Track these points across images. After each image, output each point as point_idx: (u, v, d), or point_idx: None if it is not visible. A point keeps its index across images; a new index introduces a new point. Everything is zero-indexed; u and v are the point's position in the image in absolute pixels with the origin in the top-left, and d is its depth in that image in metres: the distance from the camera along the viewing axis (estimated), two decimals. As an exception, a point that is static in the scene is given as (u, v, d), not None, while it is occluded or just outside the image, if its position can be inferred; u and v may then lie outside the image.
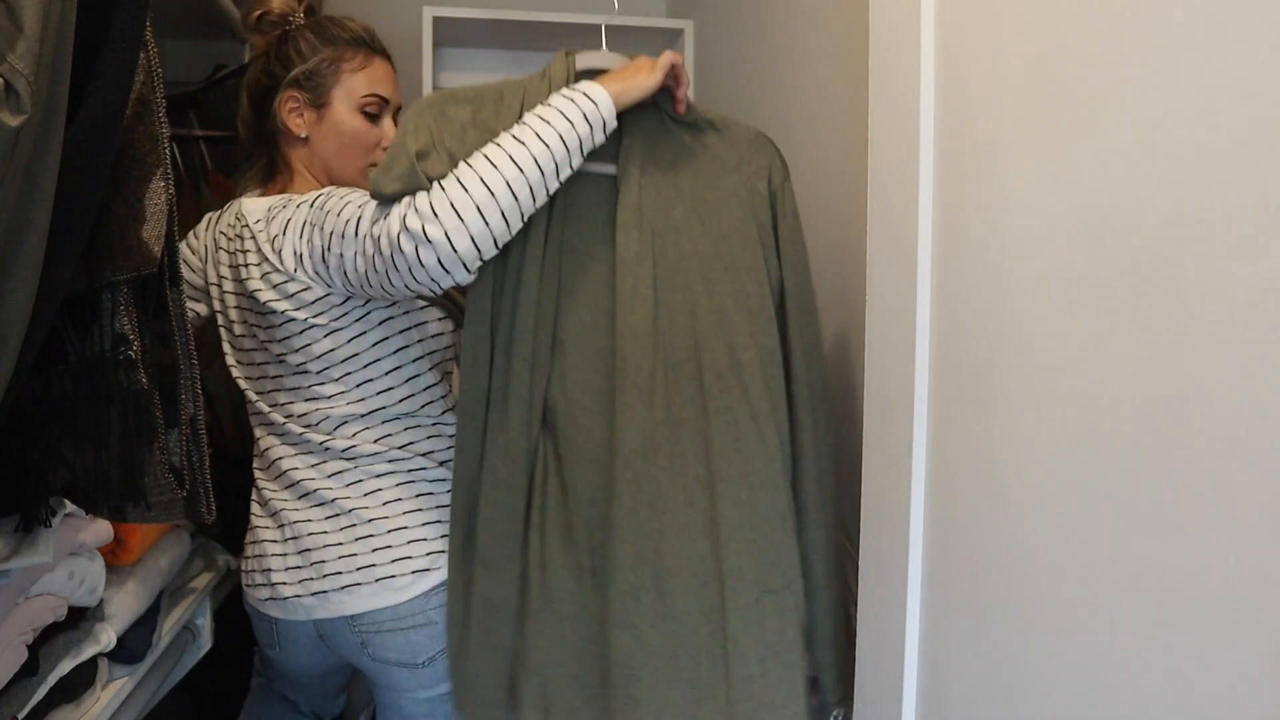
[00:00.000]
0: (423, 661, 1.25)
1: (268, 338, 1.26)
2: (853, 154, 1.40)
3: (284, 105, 1.29)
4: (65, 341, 0.86)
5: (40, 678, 1.07)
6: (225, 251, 1.31)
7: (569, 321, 1.12)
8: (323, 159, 1.33)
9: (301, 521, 1.26)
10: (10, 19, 0.64)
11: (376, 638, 1.24)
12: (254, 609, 1.33)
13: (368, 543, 1.24)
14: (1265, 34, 0.53)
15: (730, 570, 1.10)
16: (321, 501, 1.26)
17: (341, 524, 1.25)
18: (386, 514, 1.25)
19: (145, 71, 0.83)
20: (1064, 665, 0.71)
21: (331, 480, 1.26)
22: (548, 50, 2.55)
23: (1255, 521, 0.55)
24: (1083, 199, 0.68)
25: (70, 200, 0.73)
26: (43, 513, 0.97)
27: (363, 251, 1.08)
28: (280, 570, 1.27)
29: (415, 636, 1.24)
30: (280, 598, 1.27)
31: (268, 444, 1.32)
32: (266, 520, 1.31)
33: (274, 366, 1.29)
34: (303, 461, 1.28)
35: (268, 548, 1.29)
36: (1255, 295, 0.54)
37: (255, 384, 1.32)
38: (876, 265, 0.96)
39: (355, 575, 1.23)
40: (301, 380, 1.27)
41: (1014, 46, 0.76)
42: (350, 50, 1.31)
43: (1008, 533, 0.78)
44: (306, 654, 1.33)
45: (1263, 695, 0.54)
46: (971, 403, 0.83)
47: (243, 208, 1.28)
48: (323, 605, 1.25)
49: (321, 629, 1.28)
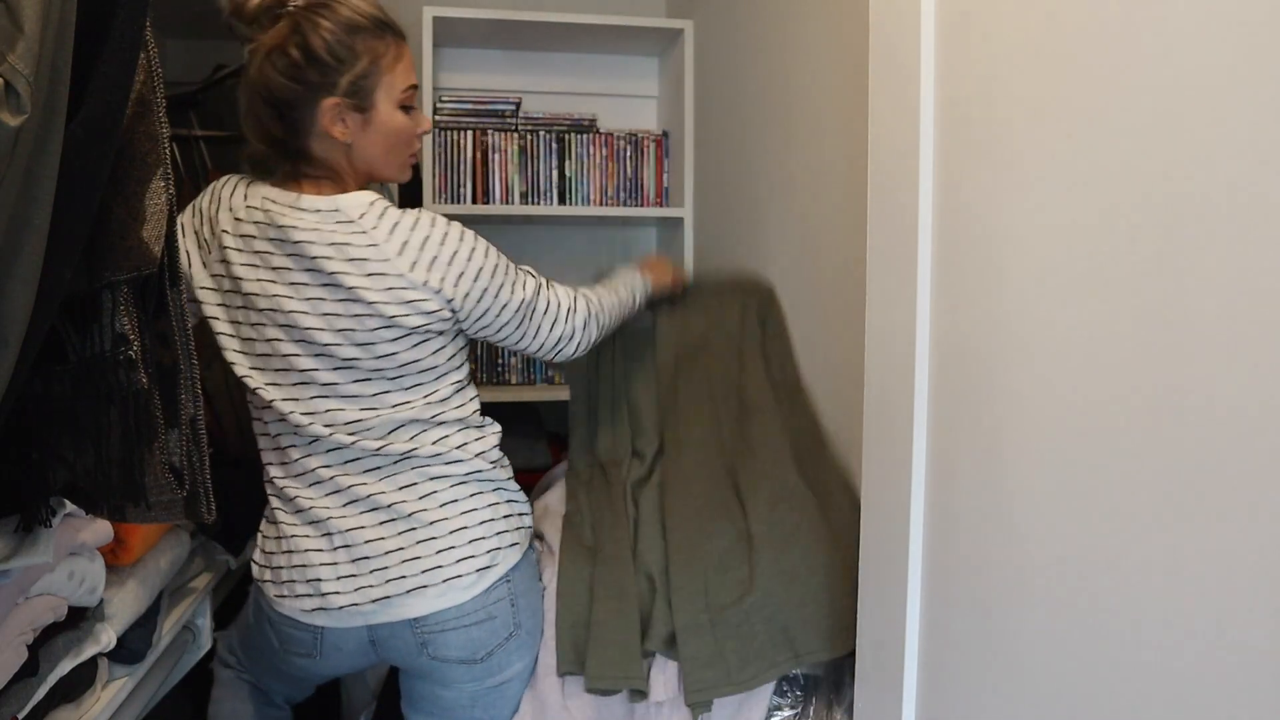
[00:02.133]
0: (481, 656, 1.28)
1: (345, 339, 1.22)
2: (852, 153, 1.40)
3: (325, 115, 1.21)
4: (65, 341, 0.86)
5: (40, 678, 1.07)
6: (263, 240, 1.23)
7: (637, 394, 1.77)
8: (367, 161, 1.27)
9: (354, 529, 1.26)
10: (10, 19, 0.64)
11: (439, 637, 1.26)
12: (290, 618, 1.30)
13: (430, 545, 1.25)
14: (1269, 27, 0.53)
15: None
16: (375, 507, 1.26)
17: (399, 529, 1.25)
18: (445, 515, 1.27)
19: (145, 71, 0.83)
20: (1063, 663, 0.71)
21: (384, 484, 1.26)
22: (548, 50, 2.55)
23: (1254, 520, 0.55)
24: (1082, 197, 0.68)
25: (70, 200, 0.73)
26: (43, 513, 0.97)
27: (562, 331, 1.40)
28: (331, 580, 1.26)
29: (476, 633, 1.27)
30: (333, 607, 1.26)
31: (300, 453, 1.28)
32: (305, 530, 1.28)
33: (328, 373, 1.24)
34: (353, 468, 1.27)
35: (313, 558, 1.27)
36: (1255, 294, 0.54)
37: (287, 390, 1.26)
38: (876, 264, 0.96)
39: (421, 578, 1.24)
40: (365, 387, 1.25)
41: (1014, 46, 0.76)
42: (379, 40, 1.22)
43: (1007, 531, 0.78)
44: (348, 659, 1.33)
45: (1261, 690, 0.54)
46: (971, 401, 0.83)
47: (338, 204, 1.22)
48: (384, 610, 1.25)
49: (376, 634, 1.28)
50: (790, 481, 1.43)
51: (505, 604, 1.29)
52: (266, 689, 1.49)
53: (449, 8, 2.25)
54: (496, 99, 2.46)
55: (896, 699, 0.92)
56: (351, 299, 1.21)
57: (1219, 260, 0.57)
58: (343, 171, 1.27)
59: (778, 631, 1.26)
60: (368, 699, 1.68)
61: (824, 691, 1.26)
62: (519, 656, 1.31)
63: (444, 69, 2.53)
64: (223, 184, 1.31)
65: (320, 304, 1.22)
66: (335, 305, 1.22)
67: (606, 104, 2.61)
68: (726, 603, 1.30)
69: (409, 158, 1.32)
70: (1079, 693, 0.69)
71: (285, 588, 1.29)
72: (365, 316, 1.21)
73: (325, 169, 1.26)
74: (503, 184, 2.45)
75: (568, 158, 2.48)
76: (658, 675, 1.30)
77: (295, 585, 1.28)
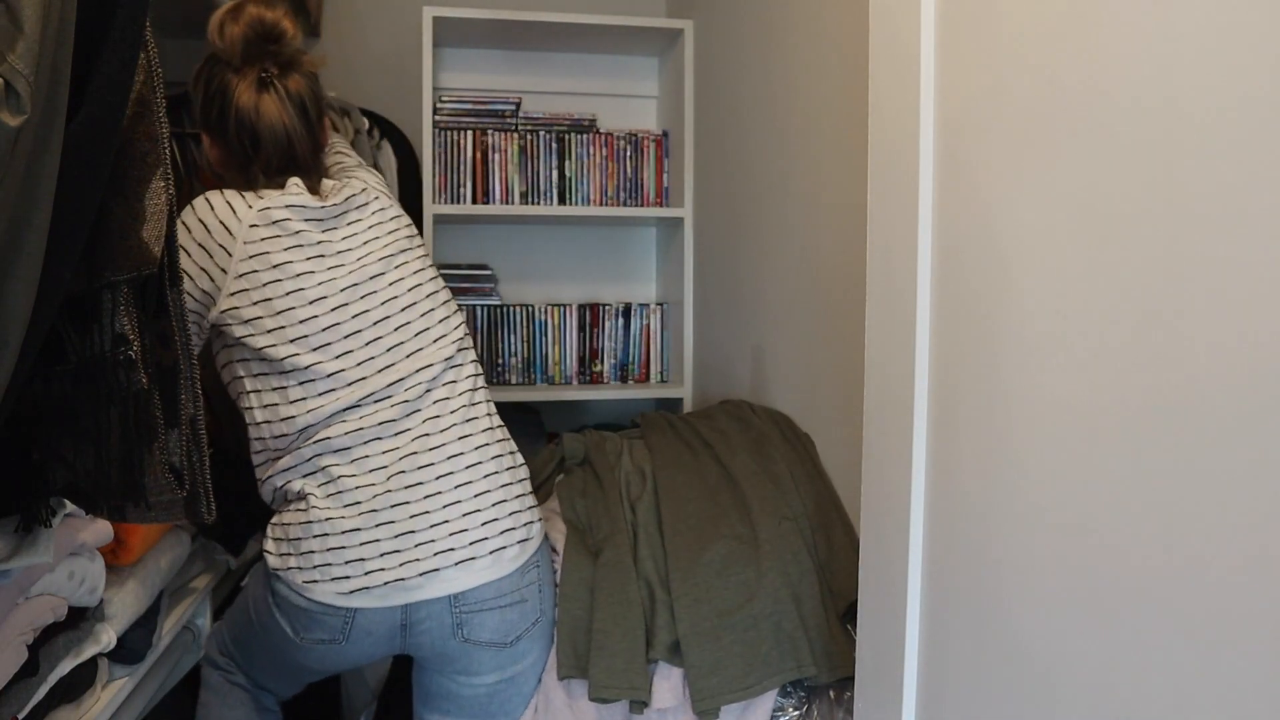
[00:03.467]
0: (511, 640, 1.30)
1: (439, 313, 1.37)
2: (852, 153, 1.40)
3: (325, 128, 1.45)
4: (65, 341, 0.86)
5: (40, 678, 1.07)
6: (315, 225, 1.35)
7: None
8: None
9: (400, 505, 1.27)
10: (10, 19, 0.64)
11: (475, 617, 1.28)
12: (321, 603, 1.28)
13: (476, 518, 1.28)
14: (1267, 42, 0.53)
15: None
16: (420, 481, 1.28)
17: (444, 501, 1.28)
18: (488, 487, 1.30)
19: (145, 71, 0.83)
20: (1063, 666, 0.71)
21: (432, 454, 1.29)
22: (548, 50, 2.56)
23: (1256, 524, 0.55)
24: (1082, 202, 0.68)
25: (70, 200, 0.73)
26: (43, 513, 0.97)
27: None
28: (374, 558, 1.26)
29: (510, 615, 1.30)
30: (376, 585, 1.25)
31: (343, 427, 1.29)
32: (340, 511, 1.27)
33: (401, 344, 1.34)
34: (400, 441, 1.29)
35: (351, 538, 1.26)
36: (1254, 299, 0.54)
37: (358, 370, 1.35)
38: (876, 265, 0.96)
39: (469, 549, 1.27)
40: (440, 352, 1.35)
41: (1015, 45, 0.76)
42: None
43: (1007, 533, 0.78)
44: (373, 645, 1.31)
45: (1262, 696, 0.54)
46: (971, 404, 0.83)
47: (369, 181, 1.46)
48: (431, 584, 1.26)
49: (410, 615, 1.28)
50: (794, 505, 1.45)
51: (535, 588, 1.33)
52: (256, 690, 1.47)
53: (449, 8, 2.25)
54: (496, 99, 2.46)
55: (897, 699, 0.92)
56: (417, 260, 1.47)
57: (1218, 264, 0.57)
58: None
59: (784, 639, 1.27)
60: (368, 699, 1.68)
61: (827, 692, 1.27)
62: (538, 644, 1.34)
63: (444, 69, 2.53)
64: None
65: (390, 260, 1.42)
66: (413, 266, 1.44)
67: (606, 104, 2.61)
68: (732, 606, 1.31)
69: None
70: (1080, 699, 0.69)
71: (318, 572, 1.27)
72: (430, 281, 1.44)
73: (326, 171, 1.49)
74: (503, 184, 2.45)
75: (568, 158, 2.48)
76: (661, 682, 1.30)
77: (330, 569, 1.26)
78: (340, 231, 1.36)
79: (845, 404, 1.43)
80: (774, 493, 1.46)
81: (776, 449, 1.55)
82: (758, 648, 1.27)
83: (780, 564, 1.34)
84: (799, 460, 1.53)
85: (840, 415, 1.47)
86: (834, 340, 1.50)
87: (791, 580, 1.33)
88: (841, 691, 1.25)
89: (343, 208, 1.37)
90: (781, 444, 1.57)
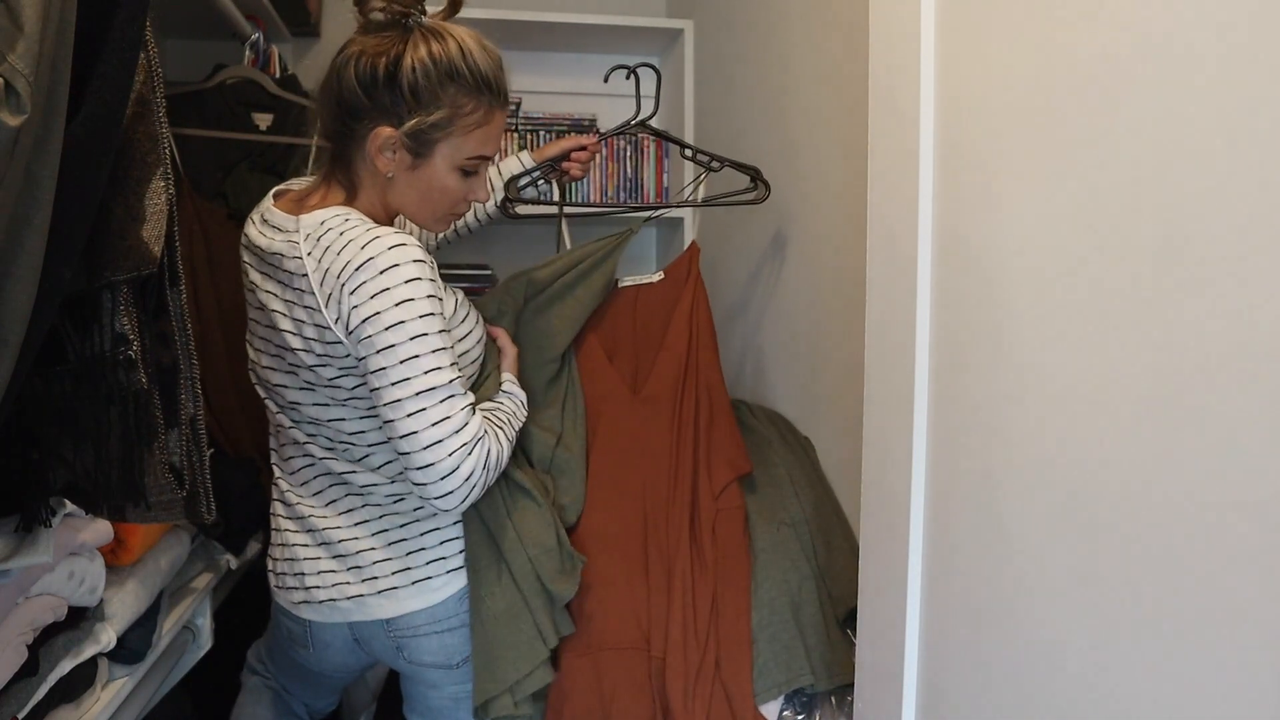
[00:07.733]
0: (457, 663, 1.28)
1: (294, 369, 1.19)
2: (852, 153, 1.40)
3: (376, 140, 1.14)
4: (65, 341, 0.86)
5: (40, 678, 1.07)
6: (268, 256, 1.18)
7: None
8: (399, 202, 1.21)
9: (331, 529, 1.26)
10: (10, 19, 0.64)
11: (412, 642, 1.26)
12: (286, 610, 1.32)
13: (401, 546, 1.24)
14: (1265, 47, 0.53)
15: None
16: (351, 509, 1.26)
17: (374, 529, 1.25)
18: (417, 517, 1.25)
19: (145, 71, 0.83)
20: (1062, 668, 0.71)
21: (361, 487, 1.26)
22: (548, 50, 2.55)
23: (1253, 530, 0.55)
24: (1081, 212, 0.68)
25: (70, 200, 0.73)
26: (43, 513, 0.97)
27: (454, 451, 1.12)
28: (313, 574, 1.26)
29: (450, 639, 1.26)
30: (315, 601, 1.26)
31: (291, 452, 1.28)
32: (293, 524, 1.29)
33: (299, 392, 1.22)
34: (335, 466, 1.25)
35: (299, 551, 1.28)
36: (1253, 309, 0.54)
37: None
38: (876, 267, 0.96)
39: (392, 579, 1.23)
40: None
41: (1015, 46, 0.76)
42: (471, 100, 1.16)
43: (1006, 536, 0.78)
44: (337, 655, 1.33)
45: (1262, 701, 0.54)
46: (970, 409, 0.83)
47: (300, 223, 1.14)
48: (359, 609, 1.25)
49: (356, 632, 1.28)
50: (793, 510, 1.43)
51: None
52: (289, 696, 1.50)
53: (449, 8, 2.25)
54: (496, 99, 2.46)
55: (897, 699, 0.92)
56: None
57: (1217, 274, 0.57)
58: (372, 196, 1.20)
59: (780, 650, 1.27)
60: (368, 700, 1.68)
61: (829, 698, 1.27)
62: None
63: (444, 69, 2.52)
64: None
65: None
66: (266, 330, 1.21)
67: (606, 104, 2.60)
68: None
69: (448, 215, 1.25)
70: (1077, 697, 0.69)
71: (279, 579, 1.31)
72: (290, 350, 1.17)
73: (353, 184, 1.19)
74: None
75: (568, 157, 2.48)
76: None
77: (285, 578, 1.30)
78: None
79: (845, 405, 1.42)
80: (773, 497, 1.45)
81: (776, 453, 1.53)
82: (754, 660, 1.27)
83: (779, 572, 1.33)
84: (798, 464, 1.51)
85: (840, 417, 1.47)
86: (834, 341, 1.50)
87: (790, 588, 1.32)
88: (843, 697, 1.25)
89: None
90: (781, 447, 1.55)
